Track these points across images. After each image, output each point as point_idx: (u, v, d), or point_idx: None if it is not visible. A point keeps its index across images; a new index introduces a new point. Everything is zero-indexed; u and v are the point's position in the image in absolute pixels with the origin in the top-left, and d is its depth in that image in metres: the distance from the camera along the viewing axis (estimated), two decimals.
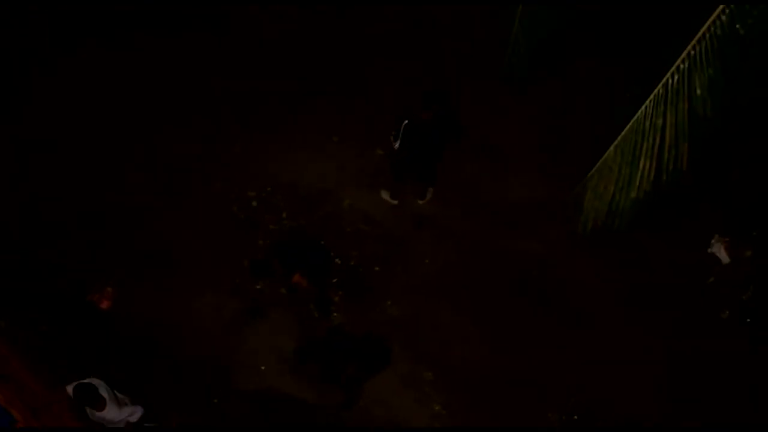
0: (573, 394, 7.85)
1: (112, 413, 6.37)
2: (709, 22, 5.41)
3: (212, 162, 9.15)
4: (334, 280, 8.34)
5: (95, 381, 6.33)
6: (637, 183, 6.06)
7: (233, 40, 10.23)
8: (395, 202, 8.94)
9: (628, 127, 6.16)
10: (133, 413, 6.63)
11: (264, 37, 10.31)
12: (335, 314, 8.16)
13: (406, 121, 7.88)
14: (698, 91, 5.61)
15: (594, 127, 8.97)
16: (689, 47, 5.57)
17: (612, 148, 6.51)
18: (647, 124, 5.91)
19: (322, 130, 9.53)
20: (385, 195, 8.99)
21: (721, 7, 5.29)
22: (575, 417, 7.74)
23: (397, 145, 8.09)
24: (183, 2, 10.21)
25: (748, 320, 8.25)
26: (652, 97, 5.87)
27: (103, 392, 6.29)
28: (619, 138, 6.38)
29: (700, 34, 5.49)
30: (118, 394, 6.60)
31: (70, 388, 6.30)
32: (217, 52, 10.09)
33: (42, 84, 9.52)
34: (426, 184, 8.93)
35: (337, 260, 8.40)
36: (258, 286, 8.26)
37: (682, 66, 5.64)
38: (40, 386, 6.16)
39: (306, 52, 10.20)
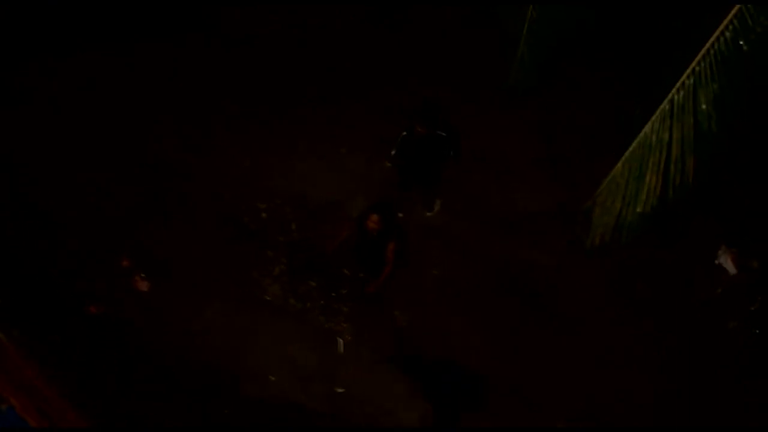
0: (580, 399, 7.91)
1: None
2: (713, 39, 5.51)
3: (222, 173, 9.23)
4: (344, 291, 8.42)
5: None
6: (644, 197, 6.13)
7: (242, 49, 10.35)
8: (400, 214, 9.02)
9: (635, 142, 6.23)
10: None
11: (271, 46, 10.42)
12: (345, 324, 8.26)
13: (404, 132, 8.02)
14: (703, 107, 5.69)
15: (600, 138, 9.07)
16: (694, 63, 5.66)
17: (620, 163, 6.57)
18: (653, 139, 5.98)
19: (330, 141, 9.61)
20: None
21: (725, 23, 5.38)
22: (582, 421, 7.82)
23: (393, 153, 8.23)
24: (192, 9, 10.38)
25: (757, 331, 8.29)
26: (658, 112, 5.95)
27: None
28: (627, 153, 6.45)
29: (704, 50, 5.58)
30: None
31: None
32: (226, 61, 10.22)
33: (42, 85, 9.62)
34: (428, 194, 9.00)
35: (346, 271, 8.46)
36: (268, 297, 8.35)
37: (687, 82, 5.73)
38: (55, 394, 6.21)
39: (310, 62, 10.30)
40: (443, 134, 7.95)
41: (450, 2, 10.76)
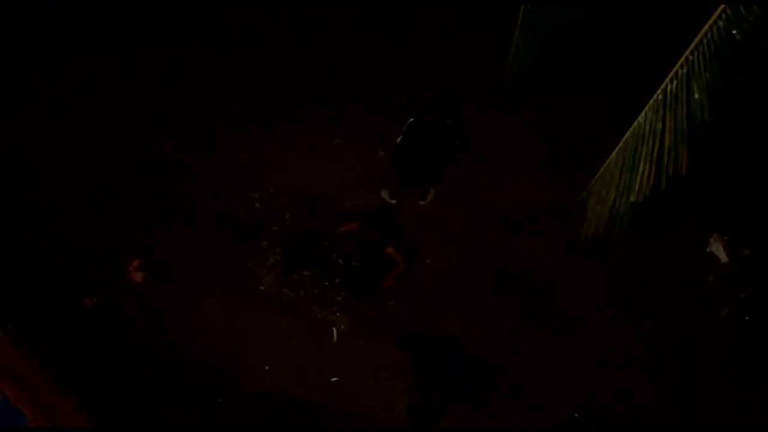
0: (576, 395, 7.90)
1: None
2: (705, 28, 5.49)
3: (221, 173, 9.23)
4: (337, 281, 8.40)
5: None
6: (637, 187, 6.12)
7: (242, 49, 10.35)
8: (394, 201, 9.02)
9: (629, 132, 6.23)
10: None
11: (271, 46, 10.42)
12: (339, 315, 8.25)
13: (411, 120, 8.01)
14: (696, 96, 5.68)
15: (600, 138, 9.00)
16: (687, 52, 5.65)
17: (614, 153, 6.58)
18: (647, 128, 5.98)
19: (323, 133, 9.60)
20: (384, 194, 9.07)
21: (718, 12, 5.37)
22: (576, 415, 7.79)
23: (398, 140, 8.21)
24: (192, 9, 10.42)
25: (747, 318, 8.28)
26: (651, 102, 5.95)
27: None
28: (621, 143, 6.45)
29: (697, 39, 5.57)
30: None
31: None
32: (226, 61, 10.21)
33: (42, 85, 9.64)
34: (425, 184, 8.98)
35: (339, 261, 8.47)
36: (262, 287, 8.35)
37: (680, 71, 5.72)
38: (50, 387, 6.21)
39: (310, 62, 10.30)
40: (450, 123, 7.94)
41: (450, 2, 10.77)
